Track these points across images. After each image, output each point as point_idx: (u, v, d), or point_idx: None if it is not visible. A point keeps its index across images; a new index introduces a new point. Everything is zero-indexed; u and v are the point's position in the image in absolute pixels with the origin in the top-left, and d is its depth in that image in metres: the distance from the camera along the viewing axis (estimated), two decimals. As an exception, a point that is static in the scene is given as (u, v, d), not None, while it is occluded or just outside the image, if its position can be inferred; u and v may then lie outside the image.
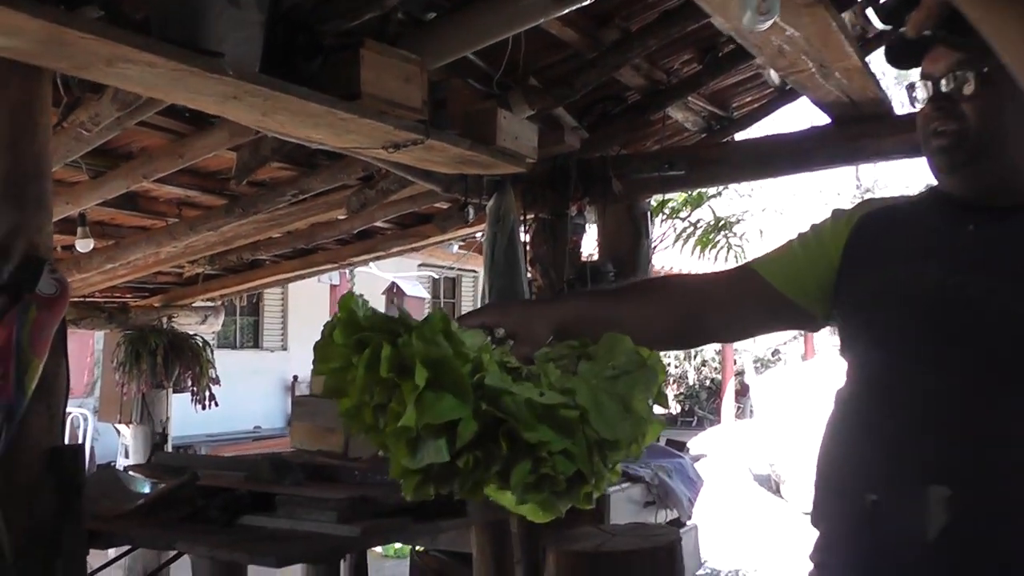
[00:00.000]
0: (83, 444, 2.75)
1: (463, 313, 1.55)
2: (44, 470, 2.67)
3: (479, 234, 8.00)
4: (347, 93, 2.90)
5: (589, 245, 5.31)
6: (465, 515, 3.25)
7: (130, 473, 3.61)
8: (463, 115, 3.63)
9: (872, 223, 1.80)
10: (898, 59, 1.75)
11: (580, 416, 1.37)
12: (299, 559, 2.91)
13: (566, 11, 3.11)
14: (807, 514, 1.84)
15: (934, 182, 1.76)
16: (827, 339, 20.43)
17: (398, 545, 7.65)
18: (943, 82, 1.65)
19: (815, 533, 1.76)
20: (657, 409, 1.51)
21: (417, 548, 4.75)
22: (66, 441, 2.97)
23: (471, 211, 4.64)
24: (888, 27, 1.78)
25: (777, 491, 13.06)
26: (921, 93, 1.71)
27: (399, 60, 3.06)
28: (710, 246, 7.04)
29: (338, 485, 3.22)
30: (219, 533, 2.87)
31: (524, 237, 4.86)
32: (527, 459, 1.35)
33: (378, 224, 5.94)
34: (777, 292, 1.80)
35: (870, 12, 3.12)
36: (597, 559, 3.26)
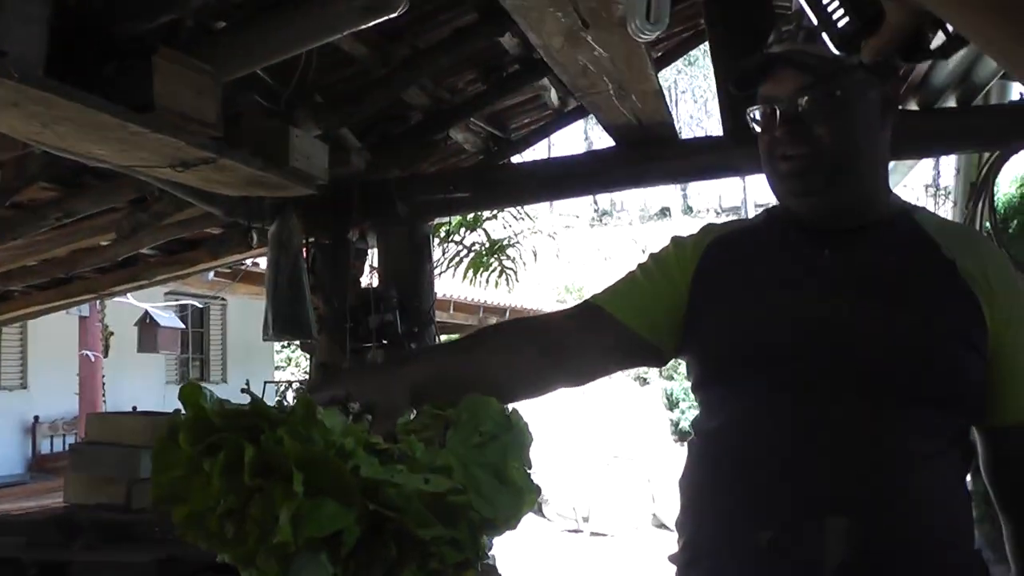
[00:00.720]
0: None
1: (299, 383, 1.37)
2: None
3: (250, 261, 7.70)
4: (139, 104, 2.63)
5: (370, 271, 5.12)
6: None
7: None
8: (253, 133, 3.40)
9: (719, 251, 1.74)
10: (742, 83, 1.70)
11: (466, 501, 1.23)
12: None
13: (373, 23, 2.92)
14: (670, 558, 1.72)
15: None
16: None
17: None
18: (793, 104, 1.61)
19: (691, 573, 1.66)
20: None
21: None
22: None
23: (254, 236, 4.38)
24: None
25: (540, 511, 13.17)
26: (760, 116, 1.66)
27: (193, 71, 2.81)
28: (483, 269, 7.00)
29: (139, 545, 2.92)
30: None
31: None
32: (415, 557, 1.19)
33: (142, 251, 5.57)
34: (626, 329, 1.71)
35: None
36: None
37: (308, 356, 5.14)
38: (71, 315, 11.04)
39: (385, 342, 4.46)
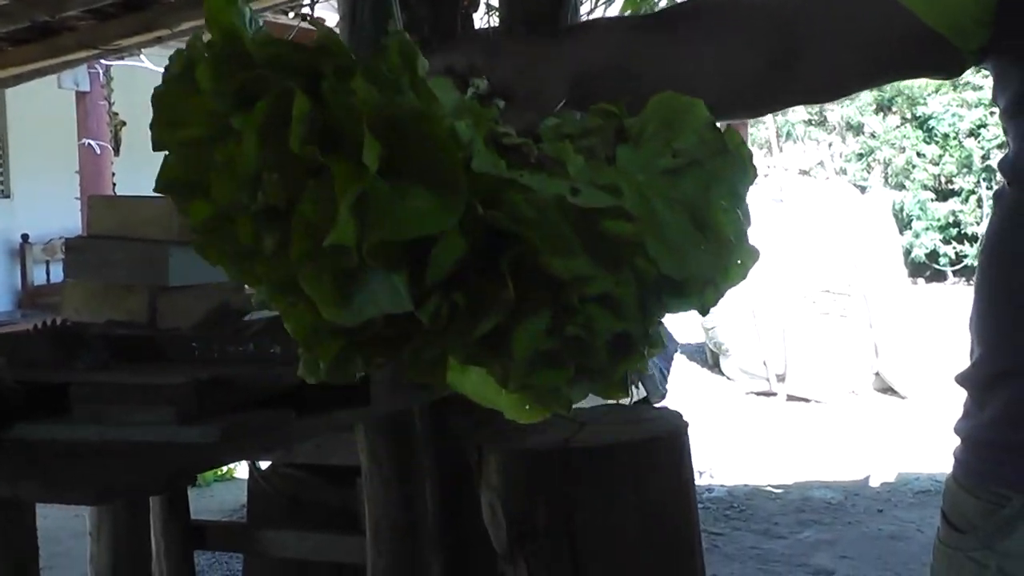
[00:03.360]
0: None
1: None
2: None
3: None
4: None
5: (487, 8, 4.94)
6: (368, 402, 2.87)
7: None
8: None
9: None
10: None
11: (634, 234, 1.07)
12: (128, 489, 2.55)
13: None
14: (958, 378, 1.57)
15: None
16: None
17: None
18: None
19: (992, 398, 1.52)
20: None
21: (258, 464, 4.43)
22: None
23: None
24: None
25: (716, 366, 13.06)
26: None
27: None
28: (646, 5, 6.74)
29: (169, 364, 2.86)
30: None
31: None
32: (545, 308, 1.04)
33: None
34: (909, 14, 1.49)
35: None
36: (569, 457, 3.02)
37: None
38: (65, 90, 11.15)
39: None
